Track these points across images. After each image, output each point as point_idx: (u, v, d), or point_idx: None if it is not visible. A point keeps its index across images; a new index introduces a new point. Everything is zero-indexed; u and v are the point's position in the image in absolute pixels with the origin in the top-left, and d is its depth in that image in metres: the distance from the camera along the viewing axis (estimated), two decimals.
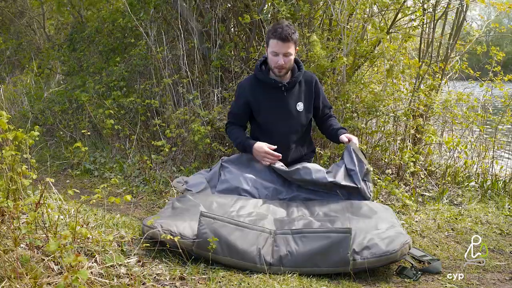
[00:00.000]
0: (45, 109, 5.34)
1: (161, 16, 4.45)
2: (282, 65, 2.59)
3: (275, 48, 2.56)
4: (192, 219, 2.10)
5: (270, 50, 2.60)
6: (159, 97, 4.20)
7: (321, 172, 2.53)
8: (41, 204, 1.73)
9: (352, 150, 2.56)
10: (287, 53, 2.57)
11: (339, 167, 2.56)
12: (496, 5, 3.70)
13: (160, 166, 3.80)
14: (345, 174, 2.52)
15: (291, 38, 2.53)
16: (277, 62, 2.58)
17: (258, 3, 3.99)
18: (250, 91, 2.73)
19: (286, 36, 2.51)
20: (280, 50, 2.55)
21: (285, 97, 2.70)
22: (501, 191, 3.44)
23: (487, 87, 3.95)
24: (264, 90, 2.71)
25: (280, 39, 2.53)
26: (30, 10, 7.56)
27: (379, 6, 3.72)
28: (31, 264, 1.51)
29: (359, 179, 2.49)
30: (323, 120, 2.88)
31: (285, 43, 2.53)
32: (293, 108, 2.72)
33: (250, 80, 2.77)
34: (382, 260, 1.97)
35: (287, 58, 2.59)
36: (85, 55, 5.40)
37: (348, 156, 2.57)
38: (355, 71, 3.88)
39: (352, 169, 2.52)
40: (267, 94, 2.70)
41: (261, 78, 2.70)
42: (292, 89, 2.71)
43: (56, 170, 4.11)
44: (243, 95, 2.76)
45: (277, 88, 2.68)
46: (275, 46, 2.56)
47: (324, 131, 2.92)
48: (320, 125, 2.93)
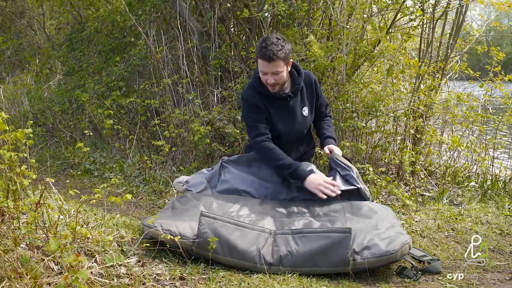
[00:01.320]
0: (45, 109, 5.34)
1: (160, 16, 4.44)
2: (272, 83, 2.48)
3: (262, 68, 2.45)
4: (192, 219, 2.10)
5: (259, 69, 2.49)
6: (159, 97, 4.20)
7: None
8: (41, 204, 1.73)
9: (336, 160, 2.56)
10: (275, 71, 2.43)
11: (335, 174, 2.56)
12: (496, 4, 3.70)
13: (160, 166, 3.80)
14: (342, 180, 2.52)
15: (276, 57, 2.37)
16: (266, 81, 2.48)
17: (257, 3, 3.99)
18: (258, 100, 2.61)
19: (270, 56, 2.37)
20: (267, 70, 2.44)
21: (291, 106, 2.64)
22: (501, 191, 3.44)
23: (487, 87, 3.94)
24: (269, 100, 2.62)
25: (265, 60, 2.39)
26: (30, 10, 7.56)
27: (378, 6, 3.72)
28: (31, 264, 1.51)
29: (356, 180, 2.49)
30: (317, 120, 2.84)
31: (271, 62, 2.39)
32: (299, 114, 2.68)
33: (254, 89, 2.63)
34: (382, 260, 1.97)
35: (277, 76, 2.46)
36: (84, 55, 5.40)
37: (337, 165, 2.57)
38: (355, 71, 3.88)
39: (347, 174, 2.52)
40: (273, 105, 2.63)
41: (263, 92, 2.59)
42: (295, 97, 2.66)
43: (56, 170, 4.11)
44: (252, 101, 2.60)
45: (281, 98, 2.61)
46: (261, 65, 2.45)
47: (316, 130, 2.89)
48: (314, 123, 2.87)
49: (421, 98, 3.55)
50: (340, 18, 3.58)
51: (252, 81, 2.65)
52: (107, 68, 4.78)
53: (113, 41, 5.01)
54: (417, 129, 3.66)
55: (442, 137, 3.69)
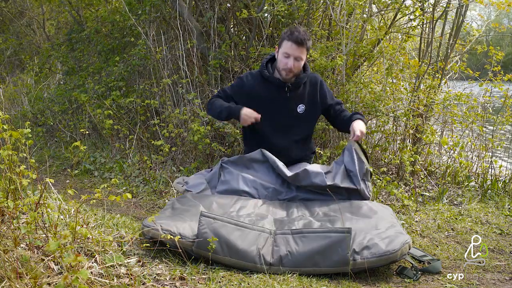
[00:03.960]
0: (45, 109, 5.34)
1: (160, 15, 4.44)
2: (291, 68, 2.57)
3: (288, 50, 2.55)
4: (192, 219, 2.10)
5: (282, 51, 2.58)
6: (159, 97, 4.20)
7: (320, 175, 2.49)
8: (41, 204, 1.73)
9: (354, 150, 2.55)
10: (299, 57, 2.56)
11: (339, 166, 2.55)
12: (495, 4, 3.70)
13: (160, 166, 3.80)
14: (345, 175, 2.51)
15: (305, 43, 2.54)
16: (286, 64, 2.57)
17: (257, 3, 3.99)
18: (254, 84, 2.69)
19: (301, 40, 2.51)
20: (293, 53, 2.55)
21: (287, 98, 2.68)
22: (501, 191, 3.44)
23: (487, 87, 3.94)
24: (267, 88, 2.68)
25: (295, 42, 2.52)
26: (30, 10, 7.56)
27: (378, 6, 3.72)
28: (31, 264, 1.51)
29: (358, 180, 2.48)
30: (337, 115, 2.78)
31: (299, 47, 2.53)
32: (293, 109, 2.70)
33: (256, 75, 2.74)
34: (382, 260, 1.97)
35: (298, 63, 2.58)
36: (84, 55, 5.40)
37: (348, 156, 2.55)
38: (354, 71, 3.88)
39: (351, 170, 2.51)
40: (270, 92, 2.68)
41: (266, 76, 2.67)
42: (296, 90, 2.68)
43: (56, 170, 4.11)
44: (246, 84, 2.71)
45: (281, 87, 2.66)
46: (288, 48, 2.55)
47: (338, 124, 2.82)
48: (334, 121, 2.83)
49: (421, 98, 3.55)
50: (340, 18, 3.58)
51: (258, 70, 2.76)
52: (107, 68, 4.77)
53: (112, 41, 5.01)
54: (417, 129, 3.66)
55: (434, 137, 3.67)
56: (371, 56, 3.74)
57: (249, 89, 2.70)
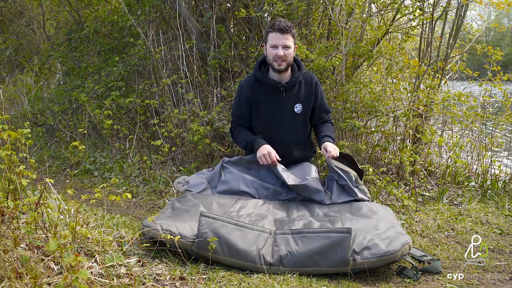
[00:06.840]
0: (45, 109, 5.33)
1: (159, 16, 4.44)
2: (281, 56, 2.57)
3: (273, 40, 2.57)
4: (192, 219, 2.10)
5: (269, 44, 2.60)
6: (158, 97, 4.20)
7: (320, 194, 2.50)
8: (41, 204, 1.73)
9: (334, 166, 2.55)
10: (286, 45, 2.57)
11: (332, 182, 2.57)
12: (495, 4, 3.70)
13: (160, 166, 3.80)
14: (339, 190, 2.53)
15: (289, 30, 2.56)
16: (276, 54, 2.58)
17: (257, 2, 3.99)
18: (250, 90, 2.72)
19: (284, 27, 2.54)
20: (279, 42, 2.56)
21: (283, 98, 2.69)
22: (501, 191, 3.44)
23: (486, 87, 3.94)
24: (263, 90, 2.70)
25: (278, 31, 2.55)
26: (30, 10, 7.56)
27: (377, 6, 3.72)
28: (31, 264, 1.51)
29: (354, 191, 2.50)
30: (317, 125, 2.84)
31: (284, 34, 2.55)
32: (290, 109, 2.70)
33: (250, 80, 2.76)
34: (382, 260, 1.97)
35: (287, 51, 2.59)
36: (83, 55, 5.40)
37: (333, 172, 2.56)
38: (354, 71, 3.88)
39: (344, 184, 2.52)
40: (266, 94, 2.69)
41: (260, 78, 2.69)
42: (291, 90, 2.69)
43: (56, 170, 4.10)
44: (244, 93, 2.75)
45: (276, 88, 2.67)
46: (273, 38, 2.57)
47: (314, 132, 2.89)
48: (314, 128, 2.89)
49: (421, 98, 3.55)
50: (339, 18, 3.58)
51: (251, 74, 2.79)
52: (107, 68, 4.77)
53: (112, 41, 5.01)
54: (416, 129, 3.66)
55: (434, 137, 3.67)
56: (370, 56, 3.74)
57: (248, 97, 2.72)
